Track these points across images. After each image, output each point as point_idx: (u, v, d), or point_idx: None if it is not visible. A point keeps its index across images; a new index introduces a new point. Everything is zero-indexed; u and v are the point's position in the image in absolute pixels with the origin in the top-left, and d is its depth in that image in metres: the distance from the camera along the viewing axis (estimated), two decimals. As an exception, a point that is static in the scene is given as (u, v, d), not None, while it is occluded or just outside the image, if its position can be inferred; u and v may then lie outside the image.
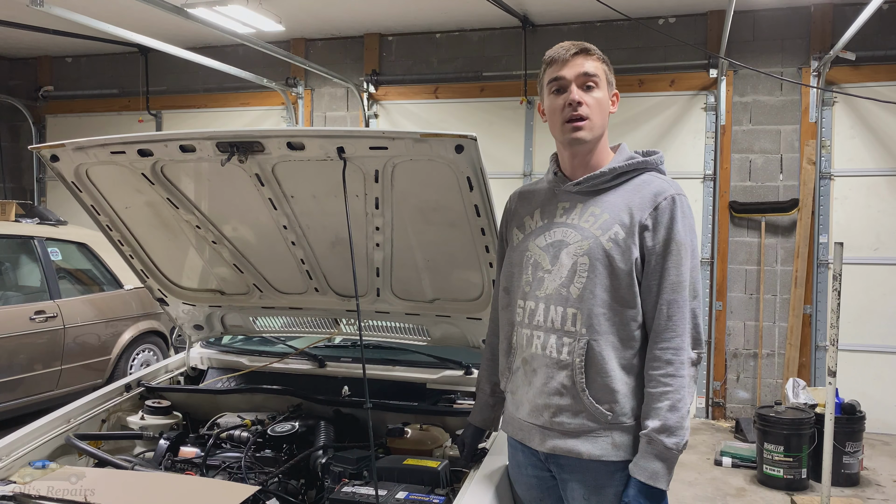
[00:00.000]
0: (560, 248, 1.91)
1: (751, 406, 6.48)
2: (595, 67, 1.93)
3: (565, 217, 1.95)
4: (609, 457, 1.87)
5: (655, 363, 1.84)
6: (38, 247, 5.95)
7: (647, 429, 1.81)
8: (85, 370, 6.04)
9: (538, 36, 7.11)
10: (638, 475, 1.82)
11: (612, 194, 1.92)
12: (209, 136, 2.29)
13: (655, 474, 1.80)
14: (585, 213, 1.92)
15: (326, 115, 7.86)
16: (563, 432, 1.90)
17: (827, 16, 6.32)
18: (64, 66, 8.87)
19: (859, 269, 6.22)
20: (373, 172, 2.33)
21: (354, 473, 2.26)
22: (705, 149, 6.68)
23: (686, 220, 1.87)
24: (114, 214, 2.75)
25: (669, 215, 1.85)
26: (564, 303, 1.88)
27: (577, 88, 1.91)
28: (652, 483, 1.80)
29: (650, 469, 1.80)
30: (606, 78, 1.95)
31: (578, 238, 1.89)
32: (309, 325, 3.22)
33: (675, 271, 1.84)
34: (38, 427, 2.54)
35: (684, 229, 1.86)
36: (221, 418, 2.79)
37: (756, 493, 4.86)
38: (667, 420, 1.79)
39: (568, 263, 1.89)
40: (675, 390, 1.81)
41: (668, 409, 1.80)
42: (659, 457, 1.80)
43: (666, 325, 1.84)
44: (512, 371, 2.03)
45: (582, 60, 1.92)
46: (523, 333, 1.97)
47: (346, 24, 7.30)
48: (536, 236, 1.98)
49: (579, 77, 1.91)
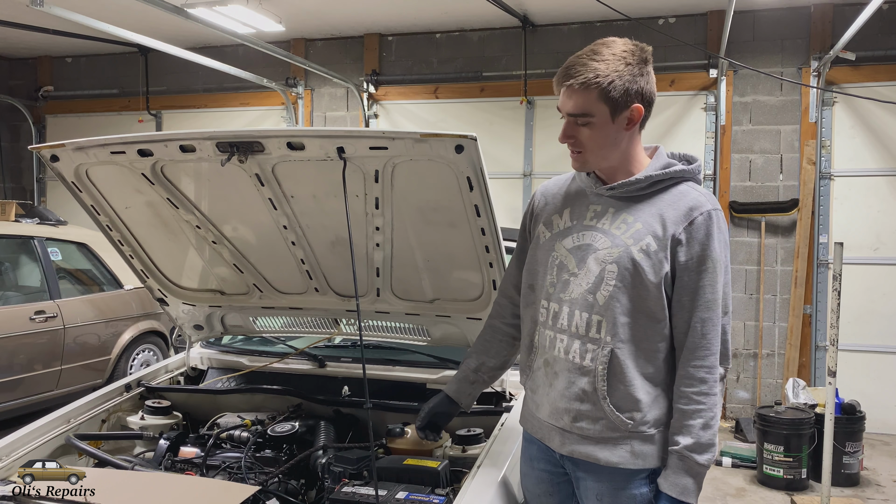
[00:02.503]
0: (588, 253, 1.86)
1: (751, 406, 6.48)
2: (582, 104, 1.78)
3: (595, 221, 1.89)
4: (627, 465, 1.86)
5: (689, 380, 1.82)
6: (38, 247, 5.95)
7: (679, 445, 1.80)
8: (85, 370, 6.04)
9: (538, 36, 7.11)
10: (669, 490, 1.82)
11: (647, 203, 1.85)
12: (209, 136, 2.29)
13: (686, 490, 1.81)
14: (617, 219, 1.86)
15: (326, 115, 7.86)
16: (582, 437, 1.90)
17: (827, 16, 6.32)
18: (64, 66, 8.87)
19: (859, 269, 6.22)
20: (373, 172, 2.33)
21: (354, 473, 2.25)
22: (705, 149, 6.69)
23: (721, 236, 1.81)
24: (114, 214, 2.75)
25: (705, 231, 1.79)
26: (590, 309, 1.84)
27: (568, 121, 1.83)
28: (682, 498, 1.81)
29: (681, 485, 1.81)
30: (605, 106, 1.78)
31: (608, 244, 1.84)
32: (309, 325, 3.21)
33: (711, 289, 1.80)
34: (38, 427, 2.53)
35: (720, 245, 1.80)
36: (221, 418, 2.78)
37: (756, 493, 4.86)
38: (700, 438, 1.79)
39: (595, 269, 1.84)
40: (709, 408, 1.80)
41: (700, 427, 1.79)
42: (689, 472, 1.80)
43: (699, 343, 1.81)
44: (532, 370, 2.00)
45: (567, 95, 1.80)
46: (546, 335, 1.94)
47: (346, 24, 7.30)
48: (564, 237, 1.93)
49: (566, 114, 1.82)
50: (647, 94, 1.83)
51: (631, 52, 1.79)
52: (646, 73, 1.82)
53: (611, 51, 1.78)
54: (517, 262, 2.15)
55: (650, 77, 1.83)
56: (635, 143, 1.89)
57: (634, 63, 1.79)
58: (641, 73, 1.80)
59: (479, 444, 2.46)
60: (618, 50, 1.78)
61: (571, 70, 1.78)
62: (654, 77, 1.86)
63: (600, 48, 1.79)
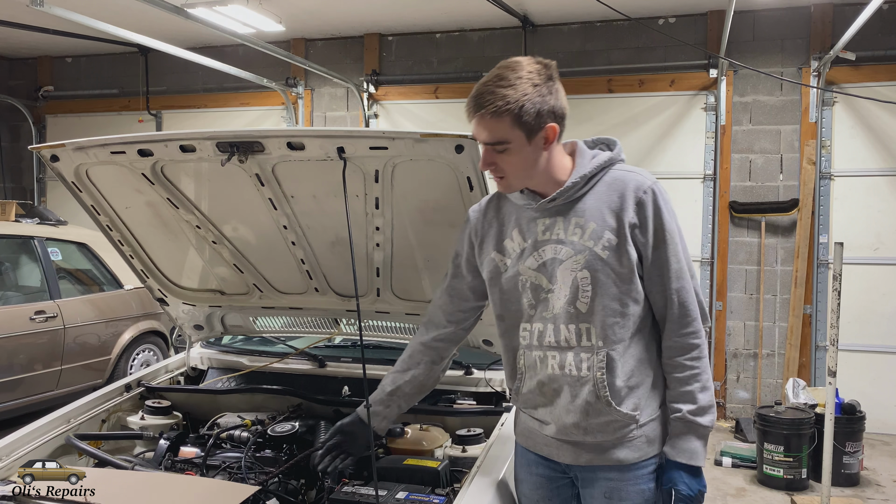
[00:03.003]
0: (555, 266, 1.87)
1: (751, 406, 6.48)
2: (496, 132, 1.77)
3: (549, 234, 1.89)
4: (647, 455, 1.90)
5: (679, 349, 1.87)
6: (38, 247, 5.95)
7: (682, 412, 1.86)
8: (85, 370, 6.04)
9: (538, 36, 7.10)
10: (679, 458, 1.86)
11: (588, 200, 1.87)
12: (209, 136, 2.29)
13: (695, 453, 1.86)
14: (569, 226, 1.87)
15: (326, 115, 7.86)
16: (596, 444, 1.91)
17: (827, 16, 6.32)
18: (64, 66, 8.87)
19: (859, 269, 6.22)
20: (373, 172, 2.33)
21: (354, 473, 2.25)
22: (705, 149, 6.68)
23: (668, 206, 1.86)
24: (114, 214, 2.75)
25: (654, 207, 1.83)
26: (575, 320, 1.85)
27: (486, 150, 1.81)
28: (693, 462, 1.86)
29: (689, 449, 1.86)
30: (519, 131, 1.76)
31: (571, 253, 1.85)
32: (309, 325, 3.21)
33: (675, 259, 1.85)
34: (38, 427, 2.53)
35: (669, 216, 1.85)
36: (221, 418, 2.78)
37: (756, 493, 4.86)
38: (701, 401, 1.85)
39: (568, 280, 1.85)
40: (702, 371, 1.87)
41: (699, 390, 1.86)
42: (696, 435, 1.86)
43: (681, 312, 1.86)
44: (522, 392, 1.99)
45: (480, 125, 1.78)
46: (533, 356, 1.93)
47: (346, 24, 7.30)
48: (524, 258, 1.92)
49: (481, 143, 1.81)
50: (559, 110, 1.82)
51: (537, 72, 1.78)
52: (554, 91, 1.80)
53: (517, 74, 1.76)
54: (449, 290, 2.13)
55: (559, 93, 1.82)
56: (555, 155, 1.87)
57: (542, 83, 1.77)
58: (550, 91, 1.79)
59: (479, 444, 2.47)
60: (524, 72, 1.76)
61: (481, 99, 1.76)
62: (563, 89, 1.84)
63: (506, 73, 1.77)
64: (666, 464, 1.90)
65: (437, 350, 2.15)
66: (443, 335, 2.14)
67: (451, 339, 2.16)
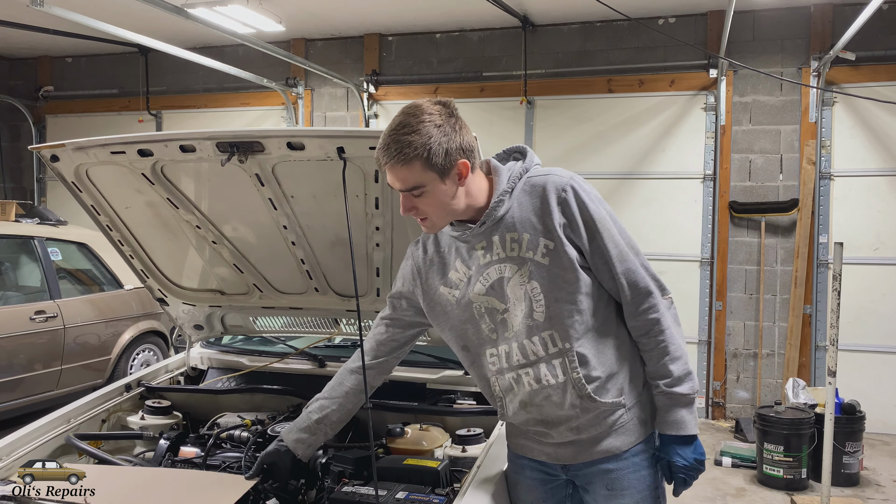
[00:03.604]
0: (503, 285, 1.90)
1: (751, 406, 6.48)
2: (409, 178, 1.78)
3: (489, 256, 1.91)
4: (639, 438, 1.94)
5: (641, 328, 1.90)
6: (38, 247, 5.95)
7: (660, 386, 1.89)
8: (85, 370, 6.04)
9: (538, 36, 7.11)
10: (668, 430, 1.90)
11: (514, 212, 1.88)
12: (209, 136, 2.29)
13: (682, 422, 1.90)
14: (505, 243, 1.89)
15: (326, 115, 7.86)
16: (591, 438, 1.93)
17: (827, 16, 6.32)
18: (64, 66, 8.87)
19: (859, 269, 6.22)
20: (373, 172, 2.33)
21: (354, 473, 2.26)
22: (705, 149, 6.68)
23: (591, 196, 1.87)
24: (114, 214, 2.75)
25: (577, 202, 1.85)
26: (536, 331, 1.87)
27: (404, 196, 1.83)
28: (682, 432, 1.90)
29: (676, 420, 1.89)
30: (431, 173, 1.78)
31: (515, 268, 1.88)
32: (309, 325, 3.22)
33: (612, 244, 1.86)
34: (38, 427, 2.53)
35: (594, 205, 1.86)
36: (221, 418, 2.78)
37: (756, 493, 4.86)
38: (673, 372, 1.88)
39: (520, 294, 1.88)
40: (669, 342, 1.89)
41: (670, 361, 1.88)
42: (679, 405, 1.89)
43: (633, 292, 1.88)
44: (509, 416, 2.02)
45: (392, 174, 1.80)
46: (507, 379, 1.95)
47: (346, 24, 7.30)
48: (472, 286, 1.94)
49: (399, 189, 1.82)
50: (467, 145, 1.82)
51: (438, 112, 1.78)
52: (458, 128, 1.81)
53: (418, 119, 1.76)
54: (386, 321, 2.15)
55: (463, 129, 1.82)
56: (472, 184, 1.87)
57: (444, 122, 1.78)
58: (454, 128, 1.79)
59: (479, 444, 2.47)
60: (425, 116, 1.77)
61: (388, 150, 1.77)
62: (465, 124, 1.84)
63: (408, 119, 1.77)
64: (660, 440, 1.95)
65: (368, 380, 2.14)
66: (373, 364, 2.15)
67: (381, 368, 2.19)
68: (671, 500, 2.11)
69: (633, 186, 6.84)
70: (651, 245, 6.68)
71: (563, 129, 7.01)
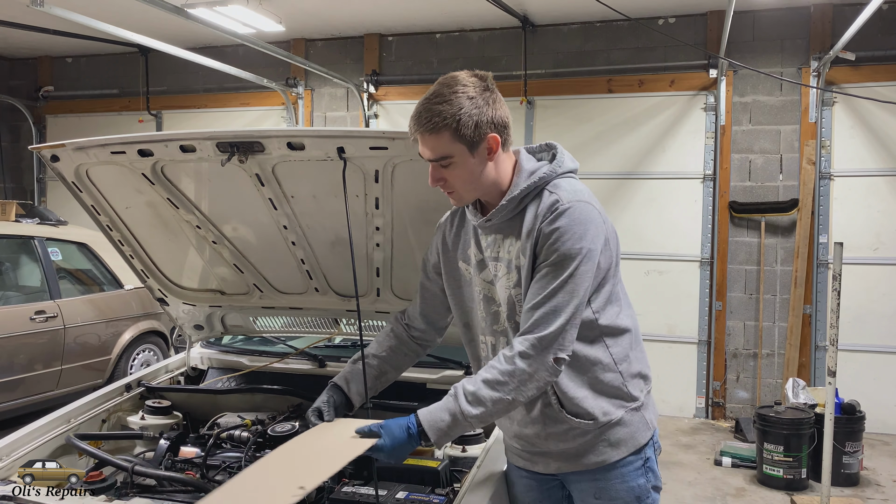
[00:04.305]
0: (495, 283, 1.92)
1: (751, 406, 6.48)
2: (438, 148, 1.78)
3: (490, 251, 1.93)
4: (612, 458, 1.89)
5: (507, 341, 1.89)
6: (39, 247, 5.95)
7: (460, 388, 1.82)
8: (85, 370, 6.04)
9: (538, 36, 7.11)
10: (422, 415, 1.81)
11: (523, 217, 1.85)
12: (209, 136, 2.29)
13: (439, 423, 1.81)
14: (505, 244, 1.89)
15: (326, 115, 7.86)
16: (561, 452, 1.93)
17: (827, 16, 6.32)
18: (64, 66, 8.87)
19: (859, 269, 6.22)
20: (373, 172, 2.33)
21: (354, 473, 2.26)
22: (705, 149, 6.68)
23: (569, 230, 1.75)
24: (114, 214, 2.75)
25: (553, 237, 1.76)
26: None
27: (433, 166, 1.83)
28: (428, 429, 1.80)
29: (438, 417, 1.81)
30: (460, 144, 1.77)
31: (505, 271, 1.89)
32: (309, 325, 3.22)
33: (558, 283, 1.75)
34: (38, 427, 2.53)
35: (572, 243, 1.75)
36: (221, 418, 2.78)
37: (756, 493, 4.86)
38: (479, 392, 1.79)
39: (504, 297, 1.89)
40: (502, 377, 1.81)
41: (486, 385, 1.79)
42: (455, 413, 1.80)
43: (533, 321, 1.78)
44: None
45: (423, 143, 1.80)
46: None
47: (346, 24, 7.31)
48: (480, 270, 1.97)
49: (428, 159, 1.82)
50: (499, 120, 1.80)
51: (472, 85, 1.78)
52: (492, 102, 1.79)
53: (451, 90, 1.76)
54: (422, 292, 2.17)
55: (498, 103, 1.81)
56: (502, 165, 1.86)
57: (477, 95, 1.77)
58: (487, 102, 1.78)
59: (479, 444, 2.46)
60: (458, 87, 1.77)
61: (419, 118, 1.77)
62: (501, 99, 1.83)
63: (442, 90, 1.77)
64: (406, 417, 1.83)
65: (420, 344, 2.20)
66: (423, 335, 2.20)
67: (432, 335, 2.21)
68: (671, 499, 2.11)
69: (633, 186, 6.84)
70: (651, 245, 6.68)
71: (562, 130, 7.01)
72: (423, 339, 2.21)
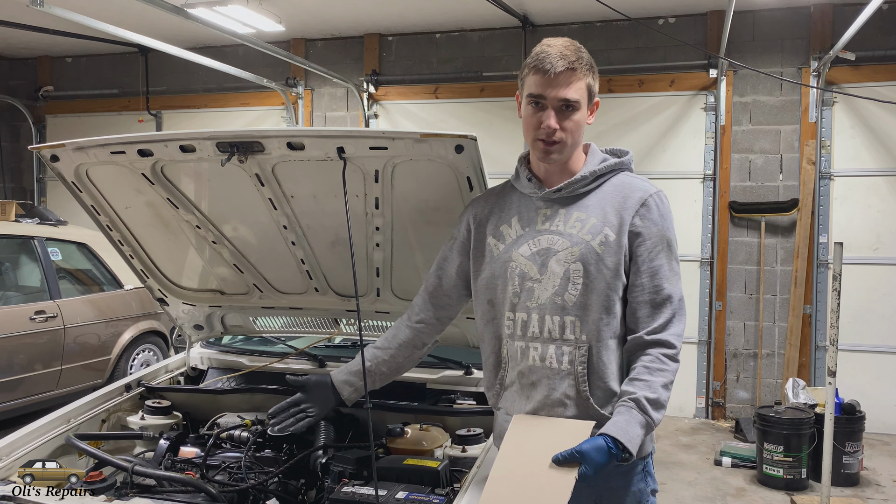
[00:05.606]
0: (548, 256, 1.88)
1: (751, 406, 6.48)
2: (578, 90, 1.83)
3: (549, 224, 1.91)
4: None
5: (649, 344, 1.86)
6: (38, 247, 5.95)
7: (641, 401, 1.76)
8: (85, 370, 6.04)
9: (538, 36, 7.09)
10: (617, 434, 1.73)
11: (593, 197, 1.91)
12: (209, 136, 2.29)
13: (633, 439, 1.74)
14: (570, 218, 1.89)
15: (326, 115, 7.86)
16: None
17: (827, 16, 6.32)
18: (64, 66, 8.86)
19: (859, 269, 6.22)
20: (373, 172, 2.33)
21: (354, 473, 2.26)
22: (705, 149, 6.68)
23: (670, 216, 1.92)
24: (114, 214, 2.75)
25: (658, 212, 1.88)
26: (561, 312, 1.86)
27: (554, 113, 1.82)
28: (629, 443, 1.72)
29: (631, 433, 1.74)
30: (589, 93, 1.87)
31: (567, 245, 1.87)
32: (309, 325, 3.22)
33: (668, 266, 1.87)
34: (38, 427, 2.53)
35: (669, 224, 1.90)
36: (221, 418, 2.79)
37: (756, 493, 4.86)
38: (661, 397, 1.78)
39: (559, 271, 1.86)
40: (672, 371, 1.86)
41: (663, 387, 1.80)
42: (643, 425, 1.76)
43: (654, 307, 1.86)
44: (504, 386, 1.98)
45: (566, 82, 1.81)
46: (516, 346, 1.92)
47: (346, 24, 7.30)
48: (519, 245, 1.93)
49: (560, 101, 1.82)
50: None
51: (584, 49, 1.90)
52: None
53: (575, 45, 1.86)
54: (437, 272, 2.13)
55: None
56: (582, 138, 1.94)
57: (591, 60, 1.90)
58: None
59: (479, 444, 2.47)
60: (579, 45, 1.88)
61: (566, 56, 1.81)
62: None
63: (568, 43, 1.85)
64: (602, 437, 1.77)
65: (419, 334, 2.16)
66: (426, 318, 2.15)
67: (434, 324, 2.17)
68: (671, 499, 2.10)
69: (633, 186, 6.83)
70: (651, 245, 6.68)
71: (563, 129, 7.00)
72: (424, 330, 2.17)
